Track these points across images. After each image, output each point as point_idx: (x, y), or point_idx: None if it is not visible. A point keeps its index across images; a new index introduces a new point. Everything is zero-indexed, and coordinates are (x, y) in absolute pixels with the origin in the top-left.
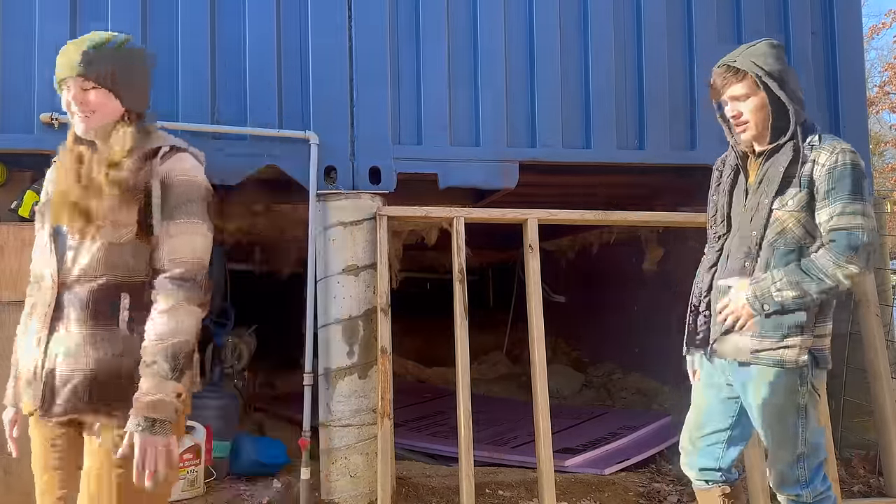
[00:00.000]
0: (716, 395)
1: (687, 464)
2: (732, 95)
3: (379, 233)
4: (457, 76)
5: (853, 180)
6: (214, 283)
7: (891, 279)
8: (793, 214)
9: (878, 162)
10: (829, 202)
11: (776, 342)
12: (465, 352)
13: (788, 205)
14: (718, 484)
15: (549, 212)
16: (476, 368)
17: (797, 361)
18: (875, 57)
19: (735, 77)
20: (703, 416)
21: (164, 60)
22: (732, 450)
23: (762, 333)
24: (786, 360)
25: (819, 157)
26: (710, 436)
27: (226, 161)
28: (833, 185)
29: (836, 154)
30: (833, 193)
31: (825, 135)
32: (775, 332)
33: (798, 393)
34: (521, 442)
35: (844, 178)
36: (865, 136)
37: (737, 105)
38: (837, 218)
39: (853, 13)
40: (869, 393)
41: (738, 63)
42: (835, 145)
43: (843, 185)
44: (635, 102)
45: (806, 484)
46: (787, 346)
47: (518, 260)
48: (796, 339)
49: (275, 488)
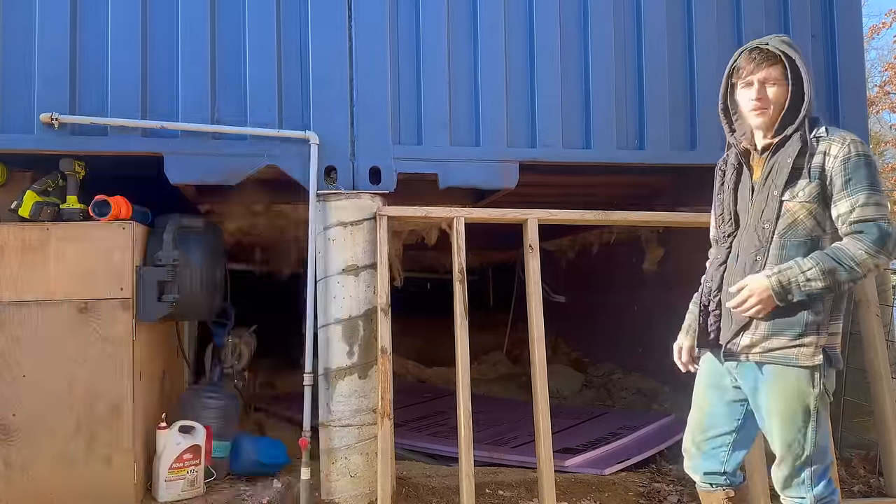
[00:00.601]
0: (720, 398)
1: (691, 467)
2: (766, 77)
3: (379, 233)
4: (457, 76)
5: (869, 172)
6: (215, 283)
7: (891, 279)
8: (804, 205)
9: (879, 162)
10: (848, 193)
11: (791, 340)
12: (465, 352)
13: (799, 196)
14: (723, 487)
15: (549, 212)
16: (476, 368)
17: (812, 360)
18: (875, 57)
19: (769, 61)
20: (708, 418)
21: (164, 60)
22: (737, 453)
23: (777, 331)
24: (801, 359)
25: (830, 149)
26: (715, 439)
27: (226, 161)
28: (850, 175)
29: (849, 145)
30: (852, 184)
31: (831, 127)
32: (791, 330)
33: (810, 395)
34: (521, 442)
35: (860, 168)
36: (865, 137)
37: (764, 88)
38: (861, 209)
39: (853, 14)
40: (869, 393)
41: (778, 46)
42: (844, 137)
43: (861, 176)
44: (635, 102)
45: (811, 488)
46: (803, 345)
47: (518, 260)
48: (812, 337)
49: (275, 488)
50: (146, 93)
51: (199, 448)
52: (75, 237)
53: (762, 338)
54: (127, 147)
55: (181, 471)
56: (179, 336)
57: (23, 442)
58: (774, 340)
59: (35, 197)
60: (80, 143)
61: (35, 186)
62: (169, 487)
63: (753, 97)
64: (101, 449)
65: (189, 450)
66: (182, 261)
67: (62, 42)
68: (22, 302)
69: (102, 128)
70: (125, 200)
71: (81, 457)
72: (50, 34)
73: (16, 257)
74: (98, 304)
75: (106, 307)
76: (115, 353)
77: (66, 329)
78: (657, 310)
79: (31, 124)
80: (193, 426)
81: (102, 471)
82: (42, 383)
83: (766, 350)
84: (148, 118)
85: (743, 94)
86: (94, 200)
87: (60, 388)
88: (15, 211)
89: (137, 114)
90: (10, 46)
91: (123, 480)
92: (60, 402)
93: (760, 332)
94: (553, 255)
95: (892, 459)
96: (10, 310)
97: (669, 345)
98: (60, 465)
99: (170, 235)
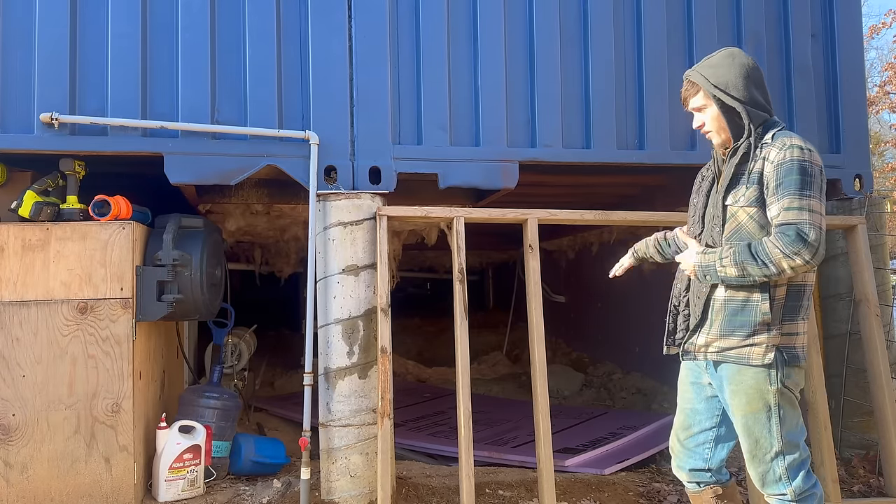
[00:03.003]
0: (700, 395)
1: (677, 466)
2: (693, 107)
3: (379, 233)
4: (457, 76)
5: (801, 176)
6: (214, 283)
7: (891, 279)
8: (744, 209)
9: (879, 162)
10: (777, 196)
11: (741, 340)
12: (465, 352)
13: (739, 200)
14: (710, 485)
15: (549, 212)
16: (476, 368)
17: (763, 359)
18: (875, 57)
19: (693, 89)
20: (689, 416)
21: (163, 60)
22: (720, 449)
23: (728, 331)
24: (752, 359)
25: (769, 154)
26: (697, 436)
27: (226, 161)
28: (781, 180)
29: (785, 150)
30: (781, 189)
31: (780, 132)
32: (741, 330)
33: (769, 392)
34: (521, 442)
35: (792, 173)
36: (865, 136)
37: (699, 115)
38: (785, 213)
39: (853, 13)
40: (869, 393)
41: (693, 76)
42: (784, 141)
43: (791, 181)
44: (635, 102)
45: (788, 482)
46: (753, 344)
47: (518, 260)
48: (763, 336)
49: (275, 488)
50: (146, 93)
51: (199, 448)
52: (75, 237)
53: (715, 337)
54: (127, 147)
55: (181, 471)
56: (179, 336)
57: (23, 442)
58: (726, 340)
59: (35, 197)
60: (80, 143)
61: (35, 186)
62: (169, 487)
63: (696, 125)
64: (101, 449)
65: (189, 450)
66: (182, 261)
67: (62, 42)
68: (22, 302)
69: (102, 128)
70: (125, 200)
71: (81, 457)
72: (50, 34)
73: (16, 257)
74: (98, 304)
75: (106, 307)
76: (115, 353)
77: (66, 329)
78: (657, 310)
79: (31, 124)
80: (193, 426)
81: (102, 471)
82: (42, 383)
83: (719, 349)
84: (148, 118)
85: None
86: (94, 200)
87: (60, 388)
88: (15, 211)
89: (137, 114)
90: (10, 46)
91: (123, 480)
92: (60, 402)
93: (714, 332)
94: (553, 255)
95: (892, 459)
96: (10, 310)
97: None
98: (60, 465)
99: (170, 235)
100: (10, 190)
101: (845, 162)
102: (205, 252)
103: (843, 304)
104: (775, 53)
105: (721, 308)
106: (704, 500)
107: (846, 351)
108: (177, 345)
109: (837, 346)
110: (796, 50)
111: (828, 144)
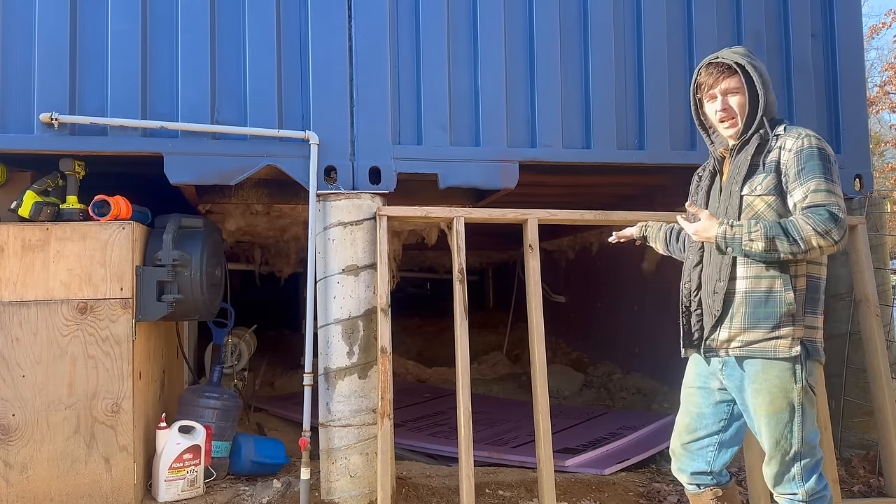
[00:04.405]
0: (707, 399)
1: (678, 468)
2: (726, 89)
3: (379, 233)
4: (457, 76)
5: (822, 162)
6: (214, 283)
7: (891, 279)
8: (762, 198)
9: (879, 162)
10: (801, 181)
11: (767, 332)
12: (465, 352)
13: (757, 189)
14: (710, 487)
15: (549, 212)
16: (476, 368)
17: (790, 352)
18: (875, 57)
19: (726, 73)
20: (695, 420)
21: (164, 60)
22: (724, 453)
23: (753, 324)
24: (778, 351)
25: (786, 143)
26: (702, 440)
27: (226, 161)
28: (802, 165)
29: (802, 139)
30: (804, 173)
31: (791, 125)
32: (766, 322)
33: (794, 390)
34: (521, 442)
35: (813, 158)
36: (866, 136)
37: (728, 99)
38: (813, 194)
39: (853, 13)
40: (869, 393)
41: (727, 59)
42: (799, 132)
43: (814, 166)
44: (635, 102)
45: (801, 483)
46: (780, 337)
47: (518, 260)
48: (789, 328)
49: (274, 488)
50: (146, 93)
51: (198, 448)
52: (75, 237)
53: (739, 331)
54: (127, 147)
55: (181, 471)
56: (179, 336)
57: (22, 442)
58: (751, 333)
59: (35, 197)
60: (80, 143)
61: (35, 186)
62: (169, 487)
63: (719, 108)
64: (100, 449)
65: (189, 450)
66: (182, 261)
67: (62, 42)
68: (22, 302)
69: (102, 128)
70: (125, 200)
71: (81, 457)
72: (50, 34)
73: (16, 257)
74: (98, 304)
75: (106, 307)
76: (114, 353)
77: (66, 329)
78: (657, 310)
79: (31, 124)
80: (193, 426)
81: (102, 471)
82: (42, 383)
83: (744, 344)
84: (148, 118)
85: (710, 108)
86: (94, 200)
87: (60, 389)
88: (15, 211)
89: (137, 114)
90: (10, 46)
91: (123, 480)
92: (60, 403)
93: (737, 325)
94: (553, 255)
95: (892, 459)
96: (10, 310)
97: (669, 345)
98: (60, 465)
99: (170, 235)
100: (10, 190)
101: (845, 162)
102: (205, 252)
103: (843, 304)
104: (775, 53)
105: (743, 301)
106: (704, 502)
107: (846, 351)
108: (177, 345)
109: (837, 346)
110: (796, 49)
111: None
